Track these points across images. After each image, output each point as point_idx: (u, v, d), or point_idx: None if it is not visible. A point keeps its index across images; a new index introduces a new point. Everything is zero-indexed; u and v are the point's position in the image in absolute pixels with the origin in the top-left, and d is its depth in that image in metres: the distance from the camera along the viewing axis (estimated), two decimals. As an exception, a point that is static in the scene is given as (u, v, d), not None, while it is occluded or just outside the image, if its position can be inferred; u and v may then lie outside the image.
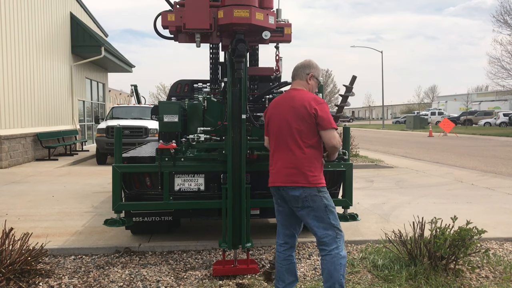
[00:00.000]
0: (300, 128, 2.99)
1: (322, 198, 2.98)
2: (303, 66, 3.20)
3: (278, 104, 3.16)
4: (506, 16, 32.34)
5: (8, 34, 11.66)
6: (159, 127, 4.47)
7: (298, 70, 3.20)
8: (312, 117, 2.95)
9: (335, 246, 2.97)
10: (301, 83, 3.17)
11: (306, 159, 2.97)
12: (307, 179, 2.95)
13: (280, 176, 3.04)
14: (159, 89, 70.63)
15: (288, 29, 4.23)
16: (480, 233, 3.75)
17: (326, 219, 2.98)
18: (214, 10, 3.66)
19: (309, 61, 3.23)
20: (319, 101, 3.02)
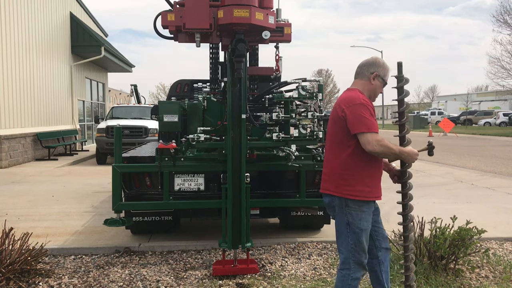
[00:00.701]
0: (334, 132, 2.77)
1: (347, 214, 2.69)
2: (367, 64, 2.84)
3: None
4: (506, 16, 32.36)
5: (8, 34, 11.66)
6: (159, 127, 4.47)
7: (361, 68, 2.85)
8: (342, 120, 2.67)
9: (347, 267, 2.73)
10: (360, 83, 2.83)
11: (340, 165, 2.71)
12: (337, 187, 2.72)
13: (325, 182, 2.84)
14: (159, 89, 70.69)
15: (288, 28, 4.24)
16: (480, 233, 3.75)
17: (344, 237, 2.73)
18: (214, 10, 3.67)
19: (375, 58, 2.89)
20: (352, 102, 2.67)
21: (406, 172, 2.84)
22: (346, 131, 2.68)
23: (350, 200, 2.68)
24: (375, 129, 2.61)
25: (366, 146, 2.59)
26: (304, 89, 4.16)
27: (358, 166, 2.69)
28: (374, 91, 2.84)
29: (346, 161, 2.69)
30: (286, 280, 3.74)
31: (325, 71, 74.08)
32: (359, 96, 2.70)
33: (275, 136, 4.05)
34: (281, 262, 4.16)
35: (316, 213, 4.84)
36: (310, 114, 4.20)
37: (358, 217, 2.69)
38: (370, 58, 2.89)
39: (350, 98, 2.71)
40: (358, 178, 2.68)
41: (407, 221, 2.89)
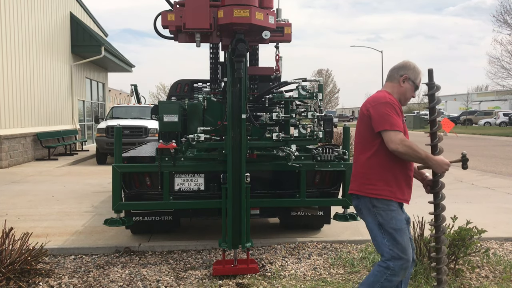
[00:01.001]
0: (360, 131, 2.77)
1: (376, 214, 2.65)
2: (397, 67, 2.83)
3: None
4: (506, 16, 32.35)
5: (8, 34, 11.66)
6: (159, 127, 4.47)
7: (391, 71, 2.85)
8: (367, 118, 2.67)
9: (385, 266, 2.64)
10: (389, 85, 2.81)
11: (364, 165, 2.71)
12: (360, 186, 2.71)
13: (353, 183, 2.82)
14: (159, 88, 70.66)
15: (288, 28, 4.24)
16: (480, 232, 3.75)
17: (380, 239, 2.65)
18: (214, 10, 3.67)
19: (406, 61, 2.86)
20: (377, 101, 2.66)
21: (438, 182, 2.77)
22: (370, 129, 2.66)
23: (375, 199, 2.64)
24: (399, 127, 2.57)
25: (389, 144, 2.56)
26: (304, 89, 4.16)
27: (381, 166, 2.65)
28: (404, 94, 2.79)
29: (369, 160, 2.68)
30: (286, 280, 3.74)
31: (325, 71, 74.10)
32: (386, 95, 2.69)
33: (275, 136, 4.05)
34: (281, 262, 4.16)
35: (316, 213, 4.84)
36: (310, 114, 4.20)
37: (389, 216, 2.63)
38: (401, 61, 2.86)
39: (376, 97, 2.71)
40: (380, 178, 2.65)
41: (440, 232, 2.85)
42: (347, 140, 4.57)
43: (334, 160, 4.31)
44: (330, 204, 4.73)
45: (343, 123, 8.72)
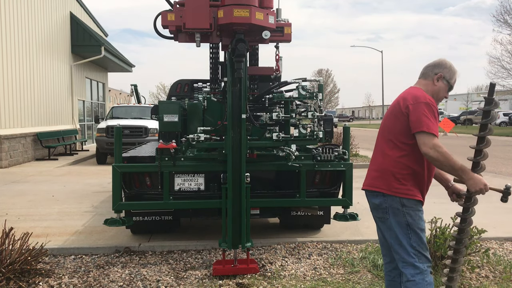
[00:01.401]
0: (392, 126, 2.63)
1: (405, 214, 2.55)
2: (433, 65, 2.72)
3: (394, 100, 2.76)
4: (506, 16, 32.35)
5: (8, 34, 11.66)
6: (159, 127, 4.47)
7: (426, 69, 2.73)
8: (405, 116, 2.53)
9: (418, 272, 2.52)
10: (423, 83, 2.71)
11: (395, 163, 2.57)
12: (389, 186, 2.56)
13: (367, 178, 2.72)
14: (159, 88, 70.69)
15: (288, 28, 4.23)
16: (480, 232, 3.75)
17: (406, 242, 2.55)
18: (214, 10, 3.66)
19: (442, 60, 2.75)
20: (418, 100, 2.53)
21: (471, 198, 2.67)
22: (406, 128, 2.54)
23: (405, 199, 2.55)
24: (435, 131, 2.46)
25: (422, 147, 2.46)
26: (304, 89, 4.16)
27: (414, 167, 2.56)
28: (437, 93, 2.68)
29: (401, 159, 2.56)
30: (286, 280, 3.74)
31: (325, 71, 74.12)
32: (425, 95, 2.57)
33: (275, 136, 4.05)
34: (281, 262, 4.16)
35: (316, 213, 4.84)
36: (310, 114, 4.20)
37: (417, 216, 2.57)
38: (437, 59, 2.75)
39: (416, 95, 2.56)
40: (412, 179, 2.57)
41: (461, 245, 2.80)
42: (347, 140, 4.57)
43: (334, 160, 4.31)
44: (330, 204, 4.73)
45: (343, 123, 8.72)
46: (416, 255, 2.54)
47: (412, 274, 2.51)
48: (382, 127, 2.72)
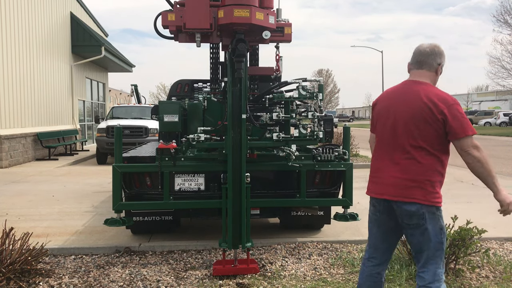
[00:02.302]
0: (423, 133, 2.44)
1: (440, 218, 2.50)
2: (434, 53, 2.52)
3: (393, 98, 2.58)
4: (506, 16, 32.35)
5: (8, 33, 11.66)
6: (159, 127, 4.47)
7: (427, 57, 2.53)
8: (440, 122, 2.40)
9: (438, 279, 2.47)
10: (428, 75, 2.53)
11: (428, 170, 2.45)
12: (426, 195, 2.44)
13: (390, 187, 2.51)
14: (159, 88, 70.77)
15: (288, 28, 4.23)
16: (480, 233, 3.75)
17: (440, 246, 2.51)
18: (214, 10, 3.67)
19: (439, 47, 2.57)
20: (449, 103, 2.39)
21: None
22: (442, 134, 2.42)
23: (438, 206, 2.49)
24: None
25: (468, 149, 2.38)
26: (304, 89, 4.15)
27: (443, 173, 2.51)
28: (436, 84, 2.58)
29: (436, 167, 2.46)
30: (287, 280, 3.73)
31: (325, 71, 74.12)
32: (447, 94, 2.46)
33: (275, 136, 4.05)
34: (281, 262, 4.16)
35: (316, 213, 4.84)
36: (310, 114, 4.20)
37: (443, 220, 2.54)
38: (434, 47, 2.56)
39: (443, 97, 2.42)
40: (440, 185, 2.51)
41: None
42: (347, 140, 4.57)
43: (334, 160, 4.31)
44: (331, 204, 4.73)
45: (343, 123, 8.72)
46: (441, 260, 2.51)
47: (431, 281, 2.46)
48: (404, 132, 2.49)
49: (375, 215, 2.68)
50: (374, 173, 2.66)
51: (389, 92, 2.67)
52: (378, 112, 2.68)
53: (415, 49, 2.60)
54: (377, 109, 2.70)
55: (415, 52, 2.59)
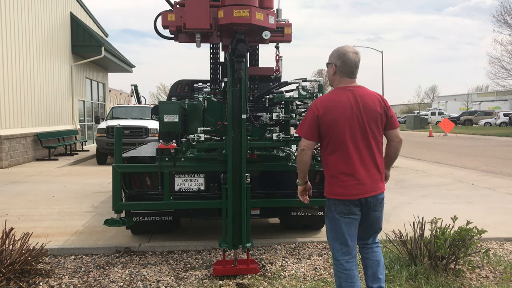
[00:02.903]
0: (378, 128, 2.80)
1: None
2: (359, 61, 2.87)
3: (344, 103, 2.76)
4: (506, 16, 32.35)
5: (8, 34, 11.67)
6: (159, 127, 4.47)
7: (358, 66, 2.86)
8: (384, 115, 2.81)
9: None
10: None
11: (382, 163, 2.84)
12: (383, 182, 2.89)
13: (368, 184, 2.76)
14: (159, 89, 70.77)
15: (288, 29, 4.23)
16: (480, 233, 3.75)
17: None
18: (214, 10, 3.66)
19: (359, 53, 2.89)
20: (383, 97, 2.88)
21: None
22: (382, 125, 2.84)
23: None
24: None
25: (399, 137, 2.92)
26: (304, 89, 4.15)
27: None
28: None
29: (382, 158, 2.87)
30: (287, 280, 3.73)
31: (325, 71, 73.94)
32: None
33: (275, 136, 4.05)
34: (281, 262, 4.16)
35: (316, 213, 4.83)
36: (310, 114, 4.18)
37: None
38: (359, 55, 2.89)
39: (380, 95, 2.89)
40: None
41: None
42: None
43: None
44: (330, 204, 4.72)
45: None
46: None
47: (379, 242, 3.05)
48: (371, 133, 2.77)
49: (353, 215, 2.79)
50: (342, 176, 2.76)
51: (332, 100, 2.80)
52: (328, 120, 2.76)
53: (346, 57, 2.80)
54: (325, 118, 2.76)
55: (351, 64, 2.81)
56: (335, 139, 2.76)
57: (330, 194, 2.82)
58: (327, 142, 2.81)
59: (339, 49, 2.85)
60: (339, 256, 2.83)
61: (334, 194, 2.80)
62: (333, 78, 2.90)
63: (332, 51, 2.90)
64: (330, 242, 2.91)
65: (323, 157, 2.90)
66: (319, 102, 2.85)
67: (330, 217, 2.85)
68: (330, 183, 2.82)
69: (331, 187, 2.82)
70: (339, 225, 2.79)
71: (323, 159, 2.90)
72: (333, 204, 2.81)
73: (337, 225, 2.80)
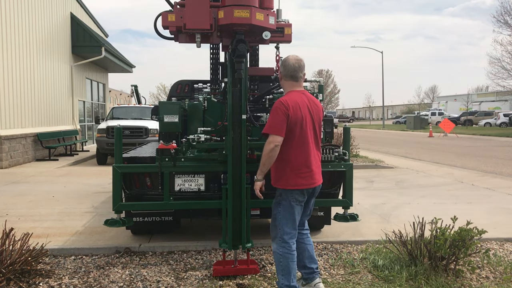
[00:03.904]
0: (319, 128, 3.31)
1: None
2: (303, 67, 3.34)
3: (303, 104, 3.19)
4: (507, 16, 32.35)
5: (8, 34, 11.67)
6: (159, 127, 4.47)
7: (303, 71, 3.34)
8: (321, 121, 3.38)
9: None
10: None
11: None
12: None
13: (317, 175, 3.25)
14: (159, 89, 70.85)
15: (288, 29, 4.23)
16: (480, 233, 3.75)
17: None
18: (215, 10, 3.66)
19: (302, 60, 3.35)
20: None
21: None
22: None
23: None
24: None
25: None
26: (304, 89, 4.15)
27: None
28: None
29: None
30: (287, 281, 3.73)
31: (325, 71, 74.12)
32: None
33: (275, 136, 4.04)
34: (281, 263, 4.15)
35: (316, 214, 4.83)
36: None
37: None
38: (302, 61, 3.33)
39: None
40: None
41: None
42: (348, 140, 4.57)
43: (334, 161, 4.31)
44: (331, 204, 4.73)
45: (344, 124, 8.72)
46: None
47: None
48: (318, 130, 3.28)
49: (300, 205, 3.24)
50: (303, 168, 3.16)
51: (298, 100, 3.17)
52: (295, 119, 3.12)
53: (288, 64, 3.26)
54: (293, 117, 3.11)
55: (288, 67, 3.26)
56: (298, 136, 3.14)
57: (291, 185, 3.16)
58: (292, 139, 3.13)
59: (284, 59, 3.34)
60: (288, 239, 3.22)
61: (295, 185, 3.16)
62: (282, 83, 3.37)
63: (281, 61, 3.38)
64: (280, 228, 3.23)
65: (286, 153, 3.15)
66: (286, 101, 3.15)
67: (285, 205, 3.21)
68: (290, 176, 3.15)
69: (291, 179, 3.16)
70: (293, 212, 3.21)
71: (287, 154, 3.15)
72: (290, 193, 3.18)
73: (291, 211, 3.21)
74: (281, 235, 3.24)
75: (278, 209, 3.25)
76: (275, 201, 3.32)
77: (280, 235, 3.24)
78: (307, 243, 3.43)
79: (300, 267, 3.43)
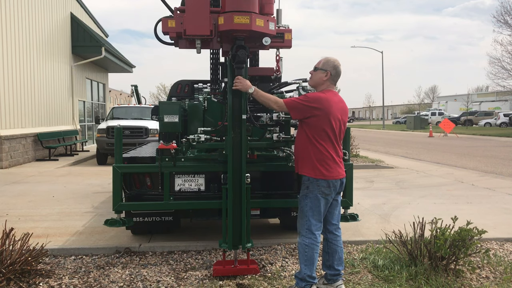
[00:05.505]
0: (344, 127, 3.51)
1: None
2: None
3: (335, 102, 3.36)
4: (507, 16, 32.35)
5: (8, 34, 11.67)
6: (159, 128, 4.48)
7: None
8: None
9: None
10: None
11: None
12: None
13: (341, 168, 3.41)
14: (159, 89, 70.86)
15: (288, 34, 4.21)
16: (481, 233, 3.75)
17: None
18: (215, 16, 3.66)
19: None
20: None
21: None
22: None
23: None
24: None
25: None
26: (304, 89, 4.16)
27: None
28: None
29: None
30: (287, 281, 3.74)
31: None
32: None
33: (275, 136, 4.05)
34: (281, 263, 4.16)
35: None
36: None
37: None
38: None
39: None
40: None
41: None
42: (348, 140, 4.56)
43: None
44: (331, 204, 4.73)
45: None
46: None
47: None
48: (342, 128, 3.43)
49: (330, 195, 3.34)
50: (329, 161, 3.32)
51: (331, 98, 3.35)
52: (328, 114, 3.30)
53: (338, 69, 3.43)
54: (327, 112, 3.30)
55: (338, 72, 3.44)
56: (329, 131, 3.31)
57: (318, 175, 3.30)
58: (324, 133, 3.30)
59: (334, 61, 3.42)
60: (315, 230, 3.35)
61: (321, 175, 3.29)
62: (323, 82, 3.42)
63: (326, 60, 3.41)
64: (307, 219, 3.35)
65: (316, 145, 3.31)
66: (319, 97, 3.33)
67: (311, 197, 3.32)
68: (317, 166, 3.30)
69: (317, 170, 3.30)
70: (319, 204, 3.32)
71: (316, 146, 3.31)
72: (317, 185, 3.30)
73: (318, 204, 3.32)
74: (309, 226, 3.35)
75: (305, 201, 3.36)
76: (301, 194, 3.41)
77: (307, 226, 3.36)
78: (339, 245, 3.51)
79: (326, 267, 3.52)
